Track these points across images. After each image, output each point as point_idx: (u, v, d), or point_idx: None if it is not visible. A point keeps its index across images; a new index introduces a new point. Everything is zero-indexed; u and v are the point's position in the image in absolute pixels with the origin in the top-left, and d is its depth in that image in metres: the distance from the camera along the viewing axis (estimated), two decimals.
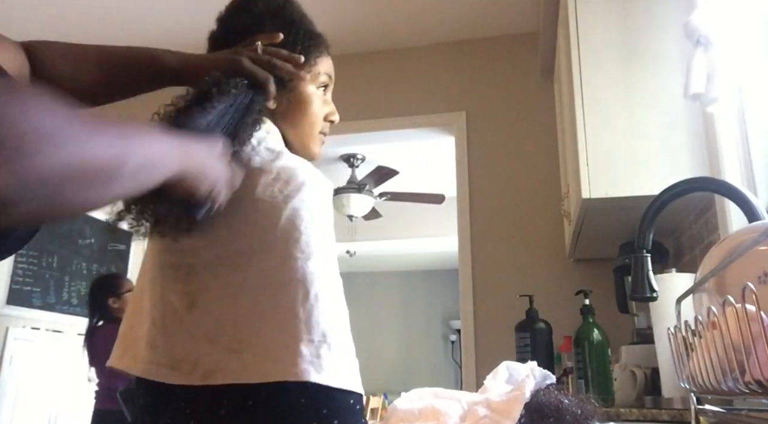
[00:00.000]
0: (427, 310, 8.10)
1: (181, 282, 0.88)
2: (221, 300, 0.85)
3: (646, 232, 1.05)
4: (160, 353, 0.86)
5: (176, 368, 0.84)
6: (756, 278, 0.70)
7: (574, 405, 0.63)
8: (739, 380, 0.61)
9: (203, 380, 0.82)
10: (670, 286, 1.37)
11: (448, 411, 0.65)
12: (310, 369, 0.80)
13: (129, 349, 0.92)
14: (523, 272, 2.79)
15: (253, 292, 0.84)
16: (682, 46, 1.75)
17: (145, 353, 0.88)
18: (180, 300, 0.87)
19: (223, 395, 0.82)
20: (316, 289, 0.86)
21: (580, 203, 1.88)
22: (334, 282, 0.90)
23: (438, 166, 4.02)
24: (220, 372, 0.81)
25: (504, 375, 0.82)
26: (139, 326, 0.91)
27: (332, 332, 0.86)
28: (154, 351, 0.87)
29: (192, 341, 0.84)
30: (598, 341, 1.92)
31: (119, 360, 0.93)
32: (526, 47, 3.06)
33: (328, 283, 0.88)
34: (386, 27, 3.09)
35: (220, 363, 0.82)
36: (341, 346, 0.85)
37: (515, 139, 2.98)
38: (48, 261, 4.15)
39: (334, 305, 0.88)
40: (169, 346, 0.86)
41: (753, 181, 1.56)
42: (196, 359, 0.83)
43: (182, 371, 0.83)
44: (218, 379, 0.81)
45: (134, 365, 0.89)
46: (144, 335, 0.89)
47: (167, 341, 0.86)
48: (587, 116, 1.86)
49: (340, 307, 0.89)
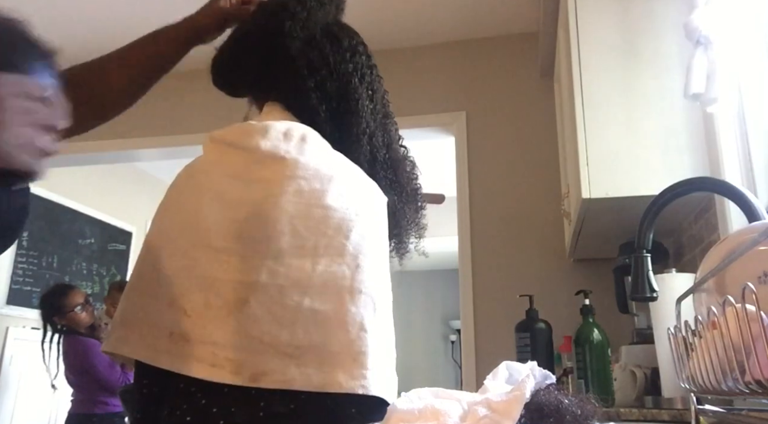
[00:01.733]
0: (427, 310, 8.10)
1: (236, 272, 0.82)
2: (280, 300, 0.81)
3: (646, 232, 1.05)
4: (196, 346, 0.80)
5: (218, 366, 0.79)
6: (756, 278, 0.70)
7: (574, 405, 0.63)
8: (739, 380, 0.61)
9: (252, 382, 0.78)
10: (670, 286, 1.37)
11: (448, 411, 0.65)
12: (374, 384, 0.81)
13: (138, 335, 0.84)
14: (523, 272, 2.78)
15: (315, 297, 0.82)
16: (682, 46, 1.75)
17: (168, 344, 0.81)
18: (231, 293, 0.81)
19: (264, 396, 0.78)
20: (381, 303, 0.87)
21: (580, 203, 1.88)
22: (390, 301, 0.92)
23: (438, 166, 4.02)
24: (273, 376, 0.78)
25: (504, 375, 0.82)
26: (155, 312, 0.84)
27: (389, 349, 0.88)
28: (185, 344, 0.80)
29: (241, 339, 0.79)
30: (598, 341, 1.91)
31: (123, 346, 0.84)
32: (526, 47, 3.06)
33: (388, 301, 0.90)
34: (386, 27, 3.09)
35: (273, 366, 0.78)
36: (393, 363, 0.88)
37: (515, 139, 2.98)
38: (48, 261, 4.15)
39: (390, 323, 0.90)
40: (210, 341, 0.80)
41: (753, 181, 1.56)
42: (243, 358, 0.79)
43: (225, 370, 0.78)
44: (270, 382, 0.78)
45: (151, 354, 0.82)
46: (166, 324, 0.82)
47: (206, 335, 0.80)
48: (587, 116, 1.86)
49: (392, 324, 0.91)
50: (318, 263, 0.84)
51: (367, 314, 0.84)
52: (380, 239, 0.94)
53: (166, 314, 0.83)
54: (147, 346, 0.83)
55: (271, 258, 0.83)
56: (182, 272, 0.84)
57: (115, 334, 0.86)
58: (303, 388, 0.79)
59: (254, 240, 0.84)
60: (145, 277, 0.88)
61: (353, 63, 1.06)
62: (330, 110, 1.02)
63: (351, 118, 1.02)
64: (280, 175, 0.88)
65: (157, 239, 0.90)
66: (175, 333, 0.81)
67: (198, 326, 0.81)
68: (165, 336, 0.82)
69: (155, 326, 0.83)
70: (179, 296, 0.83)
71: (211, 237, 0.85)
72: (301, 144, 0.92)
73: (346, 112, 1.02)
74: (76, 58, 1.01)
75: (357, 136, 1.02)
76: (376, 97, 1.08)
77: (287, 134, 0.93)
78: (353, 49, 1.08)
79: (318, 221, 0.86)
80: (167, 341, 0.81)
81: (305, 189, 0.88)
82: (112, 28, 3.03)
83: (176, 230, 0.88)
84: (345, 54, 1.06)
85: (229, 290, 0.82)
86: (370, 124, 1.04)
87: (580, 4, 1.96)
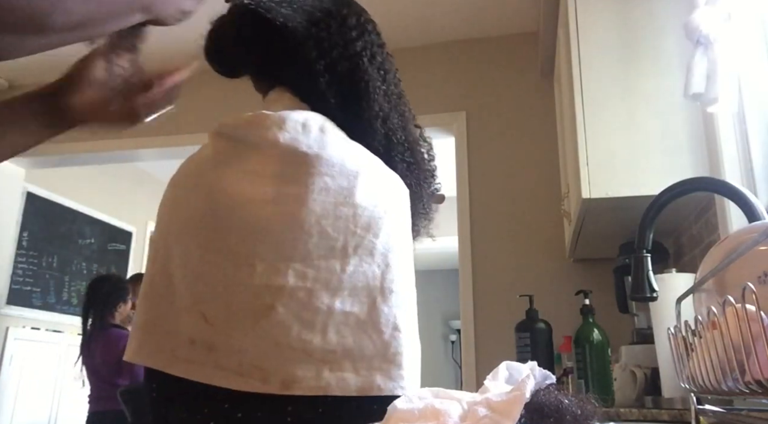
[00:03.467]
0: (427, 310, 8.08)
1: (260, 278, 0.78)
2: (310, 303, 0.78)
3: (646, 232, 1.05)
4: (220, 355, 0.77)
5: (245, 375, 0.76)
6: (756, 278, 0.70)
7: (574, 405, 0.63)
8: (739, 380, 0.61)
9: (283, 389, 0.76)
10: (670, 286, 1.37)
11: (448, 411, 0.65)
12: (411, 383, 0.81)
13: (155, 343, 0.81)
14: (523, 272, 2.78)
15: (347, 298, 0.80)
16: (682, 46, 1.74)
17: (188, 352, 0.78)
18: (256, 299, 0.78)
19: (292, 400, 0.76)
20: (409, 301, 0.86)
21: (580, 203, 1.88)
22: (415, 294, 0.91)
23: (438, 166, 4.03)
24: (306, 382, 0.76)
25: (504, 375, 0.82)
26: (172, 318, 0.81)
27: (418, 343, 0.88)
28: (209, 352, 0.77)
29: (269, 347, 0.76)
30: (598, 341, 1.91)
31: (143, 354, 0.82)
32: (526, 47, 3.06)
33: (414, 295, 0.89)
34: (386, 27, 3.07)
35: (305, 373, 0.76)
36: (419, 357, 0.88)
37: (515, 139, 2.98)
38: (48, 261, 4.15)
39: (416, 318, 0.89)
40: (236, 350, 0.77)
41: (753, 181, 1.56)
42: (273, 366, 0.76)
43: (253, 379, 0.76)
44: (303, 390, 0.76)
45: (172, 362, 0.79)
46: (184, 330, 0.79)
47: (233, 344, 0.77)
48: (587, 116, 1.86)
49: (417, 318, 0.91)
50: (348, 264, 0.81)
51: (399, 314, 0.83)
52: (406, 235, 0.92)
53: (183, 319, 0.80)
54: (166, 354, 0.80)
55: (299, 260, 0.79)
56: (198, 277, 0.80)
57: (134, 341, 0.84)
58: (341, 393, 0.77)
59: (278, 242, 0.80)
60: (156, 281, 0.85)
61: (362, 41, 0.99)
62: (341, 95, 0.95)
63: (362, 102, 0.95)
64: (304, 172, 0.83)
65: (165, 240, 0.86)
66: (197, 341, 0.78)
67: (222, 334, 0.78)
68: (185, 343, 0.79)
69: (172, 333, 0.80)
70: (197, 302, 0.79)
71: (230, 239, 0.80)
72: (321, 137, 0.87)
73: (357, 97, 0.95)
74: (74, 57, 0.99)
75: (369, 121, 0.95)
76: (389, 77, 1.02)
77: (306, 126, 0.87)
78: (362, 28, 1.01)
79: (346, 219, 0.82)
80: (188, 349, 0.78)
81: (331, 187, 0.83)
82: None
83: (188, 231, 0.84)
84: (352, 32, 0.99)
85: (252, 295, 0.78)
86: (384, 106, 0.98)
87: (580, 4, 1.96)
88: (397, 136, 0.98)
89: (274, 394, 0.76)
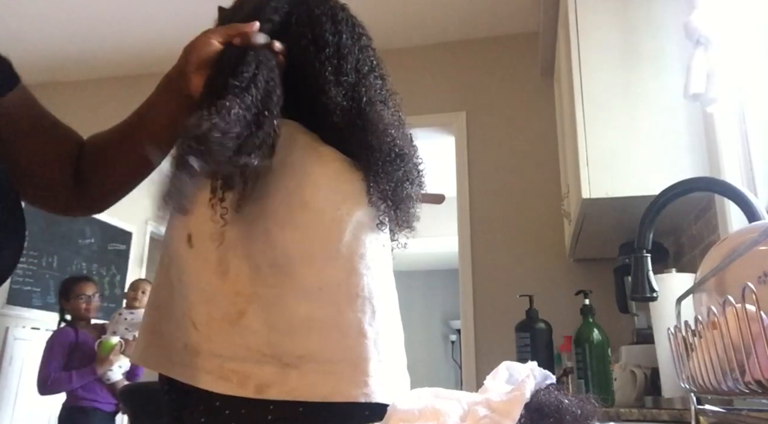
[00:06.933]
0: (427, 310, 8.09)
1: (232, 285, 0.82)
2: (276, 308, 0.81)
3: (646, 232, 1.05)
4: (205, 359, 0.81)
5: (225, 379, 0.79)
6: (756, 278, 0.70)
7: (574, 405, 0.63)
8: (739, 380, 0.61)
9: (257, 394, 0.78)
10: (670, 286, 1.37)
11: (448, 411, 0.65)
12: (378, 390, 0.80)
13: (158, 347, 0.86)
14: (523, 272, 2.78)
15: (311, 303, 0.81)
16: (682, 46, 1.75)
17: (182, 356, 0.82)
18: (230, 305, 0.81)
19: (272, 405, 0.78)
20: (381, 308, 0.85)
21: (580, 203, 1.88)
22: (395, 302, 0.90)
23: (438, 166, 4.02)
24: (276, 387, 0.78)
25: (504, 375, 0.81)
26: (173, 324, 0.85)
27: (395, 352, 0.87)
28: (196, 356, 0.81)
29: (243, 351, 0.79)
30: (598, 341, 1.91)
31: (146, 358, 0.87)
32: (526, 47, 3.06)
33: (391, 302, 0.88)
34: (386, 27, 3.09)
35: (275, 377, 0.78)
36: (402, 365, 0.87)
37: (515, 139, 2.98)
38: (48, 261, 4.15)
39: (395, 325, 0.88)
40: (216, 354, 0.80)
41: (753, 181, 1.56)
42: (248, 370, 0.79)
43: (232, 382, 0.79)
44: (273, 394, 0.78)
45: (169, 367, 0.84)
46: (179, 336, 0.84)
47: (213, 348, 0.81)
48: (587, 116, 1.86)
49: (399, 325, 0.90)
50: (312, 268, 0.83)
51: (365, 319, 0.83)
52: (376, 237, 0.91)
53: (180, 326, 0.84)
54: (165, 358, 0.85)
55: (267, 267, 0.82)
56: (189, 285, 0.84)
57: (140, 346, 0.90)
58: (307, 399, 0.78)
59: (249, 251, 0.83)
60: (161, 289, 0.89)
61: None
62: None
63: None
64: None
65: (166, 249, 0.91)
66: (188, 345, 0.82)
67: (205, 339, 0.81)
68: (180, 348, 0.83)
69: (171, 338, 0.84)
70: (189, 309, 0.83)
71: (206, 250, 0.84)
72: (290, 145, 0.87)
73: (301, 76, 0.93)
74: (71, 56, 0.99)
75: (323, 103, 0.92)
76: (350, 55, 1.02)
77: None
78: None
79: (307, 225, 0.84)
80: (182, 353, 0.82)
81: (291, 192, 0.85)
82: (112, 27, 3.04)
83: (177, 243, 0.87)
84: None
85: (228, 302, 0.81)
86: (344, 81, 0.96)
87: (580, 4, 1.96)
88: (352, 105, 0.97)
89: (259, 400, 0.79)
